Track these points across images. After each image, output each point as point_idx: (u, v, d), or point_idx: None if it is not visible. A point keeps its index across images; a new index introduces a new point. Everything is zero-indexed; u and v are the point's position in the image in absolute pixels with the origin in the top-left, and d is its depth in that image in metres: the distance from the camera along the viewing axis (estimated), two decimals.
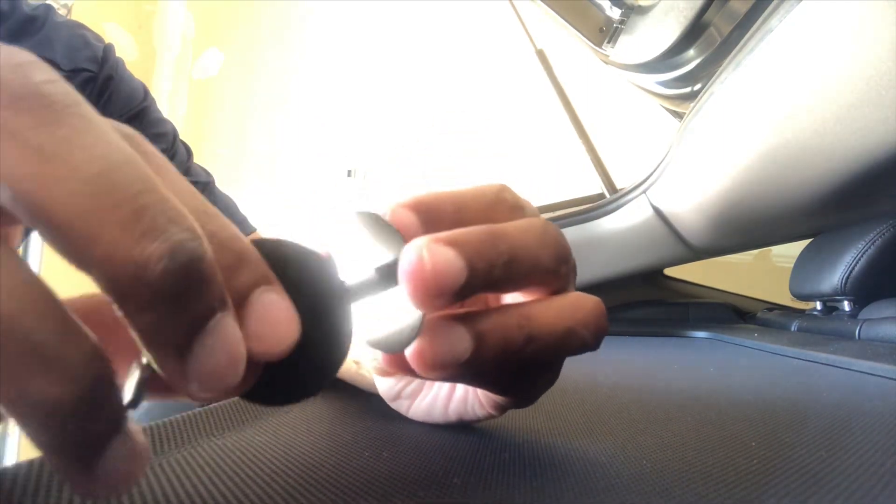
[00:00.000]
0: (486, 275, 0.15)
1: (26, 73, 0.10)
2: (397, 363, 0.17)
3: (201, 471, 0.18)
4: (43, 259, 1.49)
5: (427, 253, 0.14)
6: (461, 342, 0.15)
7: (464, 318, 0.15)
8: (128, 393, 0.11)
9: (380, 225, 0.16)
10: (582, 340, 0.17)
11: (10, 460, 1.60)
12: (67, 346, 0.09)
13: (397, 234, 0.16)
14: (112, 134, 0.10)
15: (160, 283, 0.10)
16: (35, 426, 0.10)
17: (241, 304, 0.12)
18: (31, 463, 0.16)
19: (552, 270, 0.17)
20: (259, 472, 0.18)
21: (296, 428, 0.24)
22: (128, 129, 0.12)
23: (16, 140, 0.09)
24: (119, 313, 0.10)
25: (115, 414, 0.10)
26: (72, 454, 0.10)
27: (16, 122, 0.09)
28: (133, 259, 0.09)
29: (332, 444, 0.21)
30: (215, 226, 0.12)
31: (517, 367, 0.18)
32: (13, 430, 1.60)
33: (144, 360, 0.11)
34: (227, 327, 0.11)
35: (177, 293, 0.10)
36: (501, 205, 0.18)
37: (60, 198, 0.09)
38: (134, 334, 0.10)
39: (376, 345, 0.16)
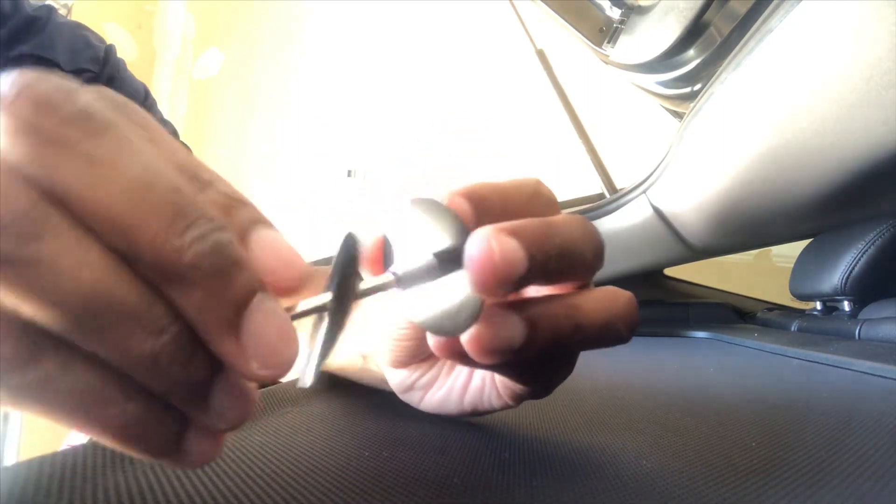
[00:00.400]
0: (542, 265, 0.15)
1: (75, 96, 0.12)
2: (447, 348, 0.17)
3: (201, 470, 0.18)
4: None
5: (496, 242, 0.14)
6: (516, 328, 0.15)
7: (516, 306, 0.16)
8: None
9: (439, 211, 0.16)
10: (618, 333, 0.17)
11: (9, 460, 1.59)
12: (153, 304, 0.12)
13: (458, 221, 0.16)
14: (147, 145, 0.12)
15: (197, 262, 0.11)
16: (149, 375, 0.12)
17: (244, 240, 0.13)
18: (30, 462, 0.16)
19: (591, 265, 0.18)
20: (259, 471, 0.18)
21: (296, 428, 0.24)
22: (121, 99, 0.13)
23: (70, 150, 0.11)
24: (172, 299, 0.12)
25: (210, 358, 0.12)
26: (185, 394, 0.12)
27: (69, 136, 0.11)
28: (173, 245, 0.11)
29: (332, 444, 0.21)
30: (208, 175, 0.13)
31: (546, 358, 0.18)
32: (13, 430, 1.60)
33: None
34: (270, 304, 0.12)
35: (214, 273, 0.12)
36: (539, 198, 0.19)
37: (109, 195, 0.11)
38: (191, 319, 0.12)
39: (431, 327, 0.16)
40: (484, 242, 0.14)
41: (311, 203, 2.06)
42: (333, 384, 0.33)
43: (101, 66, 0.49)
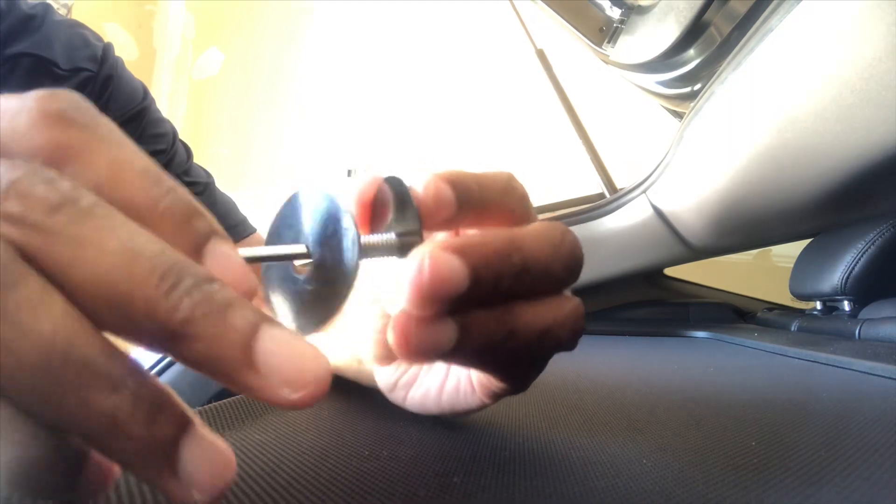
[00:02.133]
0: (492, 286, 0.15)
1: (57, 184, 0.12)
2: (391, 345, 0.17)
3: None
4: None
5: (428, 262, 0.14)
6: (446, 332, 0.15)
7: (451, 310, 0.16)
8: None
9: (403, 195, 0.17)
10: (558, 340, 0.17)
11: None
12: (113, 361, 0.11)
13: (415, 210, 0.16)
14: (128, 221, 0.13)
15: (191, 316, 0.12)
16: (107, 438, 0.11)
17: (199, 252, 0.13)
18: None
19: (561, 280, 0.17)
20: (259, 470, 0.18)
21: (296, 427, 0.24)
22: (77, 103, 0.13)
23: (57, 236, 0.12)
24: (183, 356, 0.12)
25: (175, 417, 0.12)
26: (149, 459, 0.12)
27: (54, 223, 0.12)
28: (166, 307, 0.11)
29: (332, 443, 0.21)
30: (169, 184, 0.14)
31: (505, 357, 0.18)
32: None
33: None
34: (277, 330, 0.12)
35: (210, 320, 0.12)
36: (514, 192, 0.18)
37: (97, 272, 0.11)
38: (205, 370, 0.12)
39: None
40: (416, 261, 0.14)
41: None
42: (332, 384, 0.33)
43: (98, 65, 0.49)
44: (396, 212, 0.17)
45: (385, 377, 0.25)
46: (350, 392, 0.31)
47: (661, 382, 0.39)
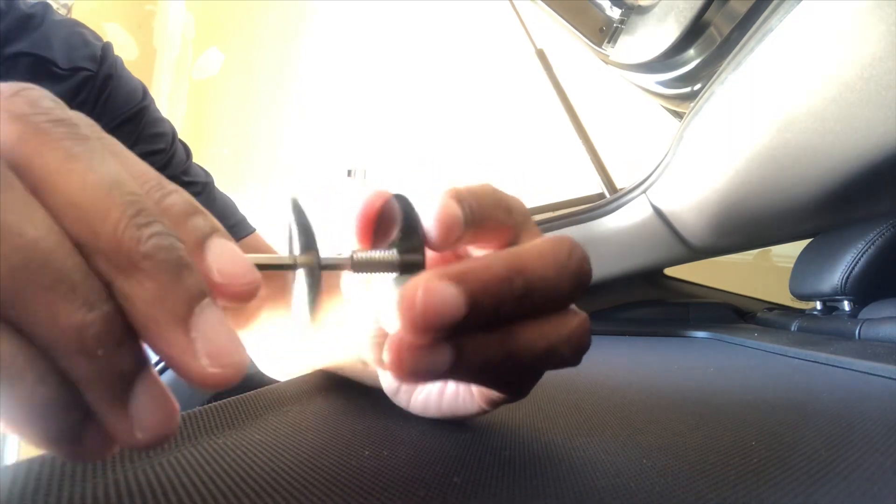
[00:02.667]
0: (492, 312, 0.15)
1: (65, 108, 0.13)
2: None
3: (201, 470, 0.18)
4: None
5: (422, 293, 0.14)
6: (441, 355, 0.15)
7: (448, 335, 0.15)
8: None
9: (409, 213, 0.17)
10: (562, 358, 0.17)
11: (9, 460, 1.59)
12: (89, 279, 0.12)
13: (419, 230, 0.16)
14: (114, 159, 0.13)
15: (154, 253, 0.12)
16: (72, 354, 0.11)
17: (201, 246, 0.13)
18: (30, 462, 0.16)
19: (568, 296, 0.17)
20: (259, 470, 0.18)
21: (296, 427, 0.24)
22: (100, 131, 0.14)
23: (54, 142, 0.12)
24: (120, 288, 0.12)
25: (138, 354, 0.12)
26: (105, 387, 0.12)
27: (55, 131, 0.12)
28: (132, 235, 0.12)
29: (332, 443, 0.21)
30: (172, 187, 0.14)
31: (504, 375, 0.18)
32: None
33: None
34: (219, 310, 0.13)
35: (168, 267, 0.12)
36: (502, 202, 0.18)
37: (79, 185, 0.12)
38: (140, 312, 0.12)
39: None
40: (411, 290, 0.14)
41: (310, 203, 2.06)
42: (333, 384, 0.33)
43: (98, 65, 0.49)
44: (402, 230, 0.17)
45: (389, 380, 0.25)
46: (350, 392, 0.31)
47: (661, 382, 0.39)
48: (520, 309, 0.16)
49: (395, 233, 0.17)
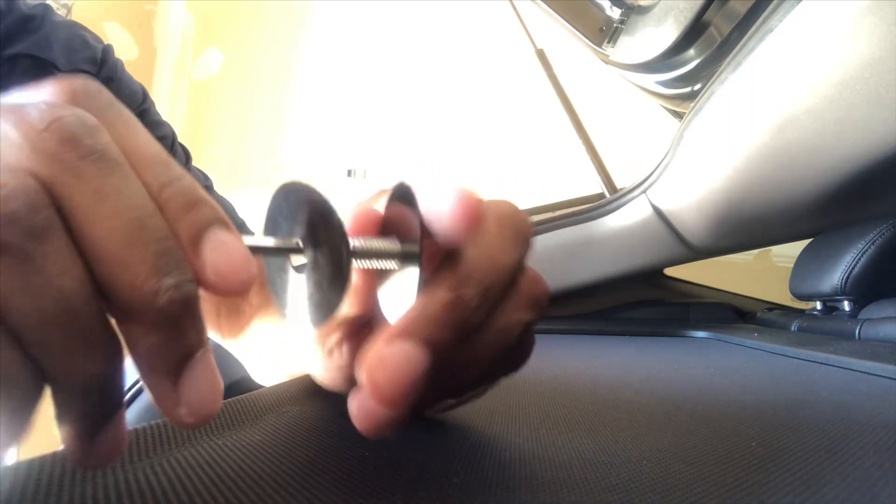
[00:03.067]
0: (457, 336, 0.15)
1: (96, 135, 0.13)
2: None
3: (201, 470, 0.18)
4: None
5: (380, 369, 0.14)
6: (405, 413, 0.15)
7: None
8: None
9: (410, 205, 0.16)
10: (521, 327, 0.18)
11: (9, 460, 1.59)
12: (108, 332, 0.12)
13: (417, 227, 0.16)
14: (141, 188, 0.13)
15: (166, 309, 0.12)
16: (76, 393, 0.12)
17: (199, 237, 0.13)
18: (30, 462, 0.16)
19: (518, 265, 0.17)
20: (258, 471, 0.18)
21: (295, 427, 0.24)
22: (93, 87, 0.14)
23: (85, 183, 0.12)
24: (131, 333, 0.13)
25: (119, 400, 0.13)
26: (87, 422, 0.13)
27: (85, 171, 0.12)
28: (151, 286, 0.12)
29: (332, 444, 0.21)
30: (173, 174, 0.14)
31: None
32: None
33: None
34: (209, 360, 0.13)
35: (176, 320, 0.13)
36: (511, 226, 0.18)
37: (107, 229, 0.12)
38: (138, 356, 0.13)
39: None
40: (370, 368, 0.14)
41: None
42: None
43: (98, 67, 0.49)
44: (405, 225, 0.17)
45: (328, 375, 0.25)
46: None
47: (661, 382, 0.39)
48: (483, 311, 0.16)
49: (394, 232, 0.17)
